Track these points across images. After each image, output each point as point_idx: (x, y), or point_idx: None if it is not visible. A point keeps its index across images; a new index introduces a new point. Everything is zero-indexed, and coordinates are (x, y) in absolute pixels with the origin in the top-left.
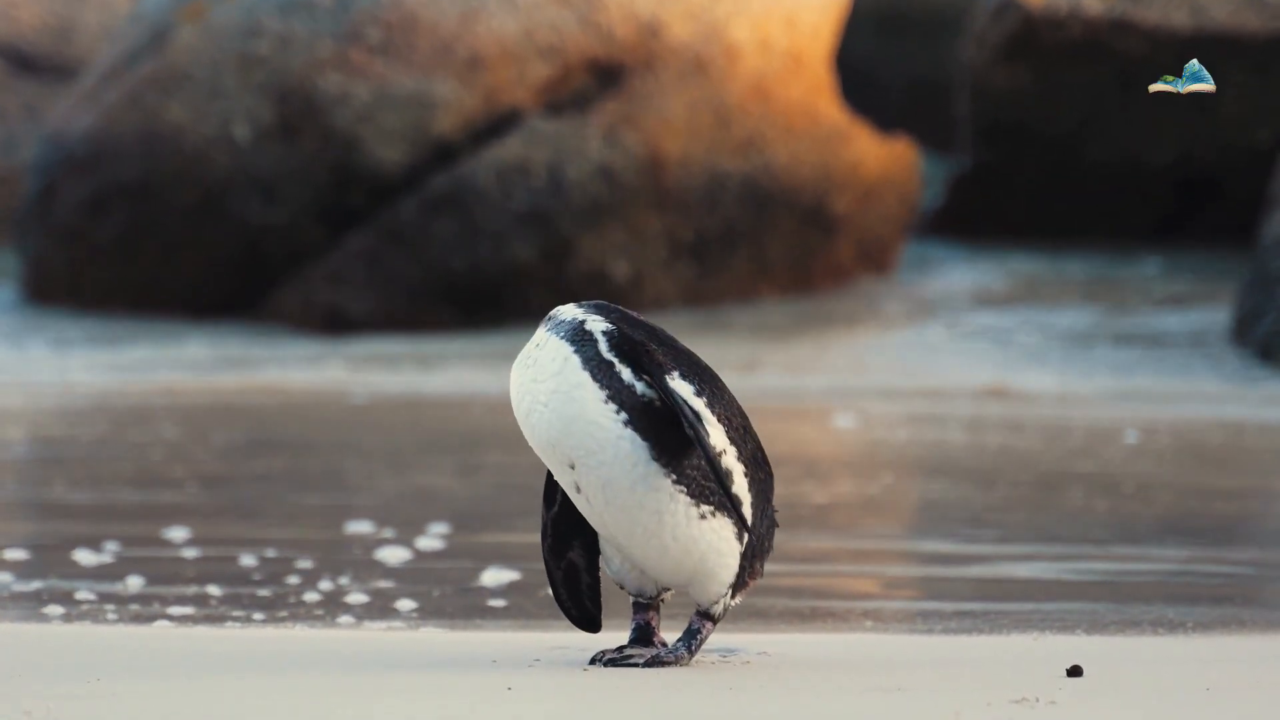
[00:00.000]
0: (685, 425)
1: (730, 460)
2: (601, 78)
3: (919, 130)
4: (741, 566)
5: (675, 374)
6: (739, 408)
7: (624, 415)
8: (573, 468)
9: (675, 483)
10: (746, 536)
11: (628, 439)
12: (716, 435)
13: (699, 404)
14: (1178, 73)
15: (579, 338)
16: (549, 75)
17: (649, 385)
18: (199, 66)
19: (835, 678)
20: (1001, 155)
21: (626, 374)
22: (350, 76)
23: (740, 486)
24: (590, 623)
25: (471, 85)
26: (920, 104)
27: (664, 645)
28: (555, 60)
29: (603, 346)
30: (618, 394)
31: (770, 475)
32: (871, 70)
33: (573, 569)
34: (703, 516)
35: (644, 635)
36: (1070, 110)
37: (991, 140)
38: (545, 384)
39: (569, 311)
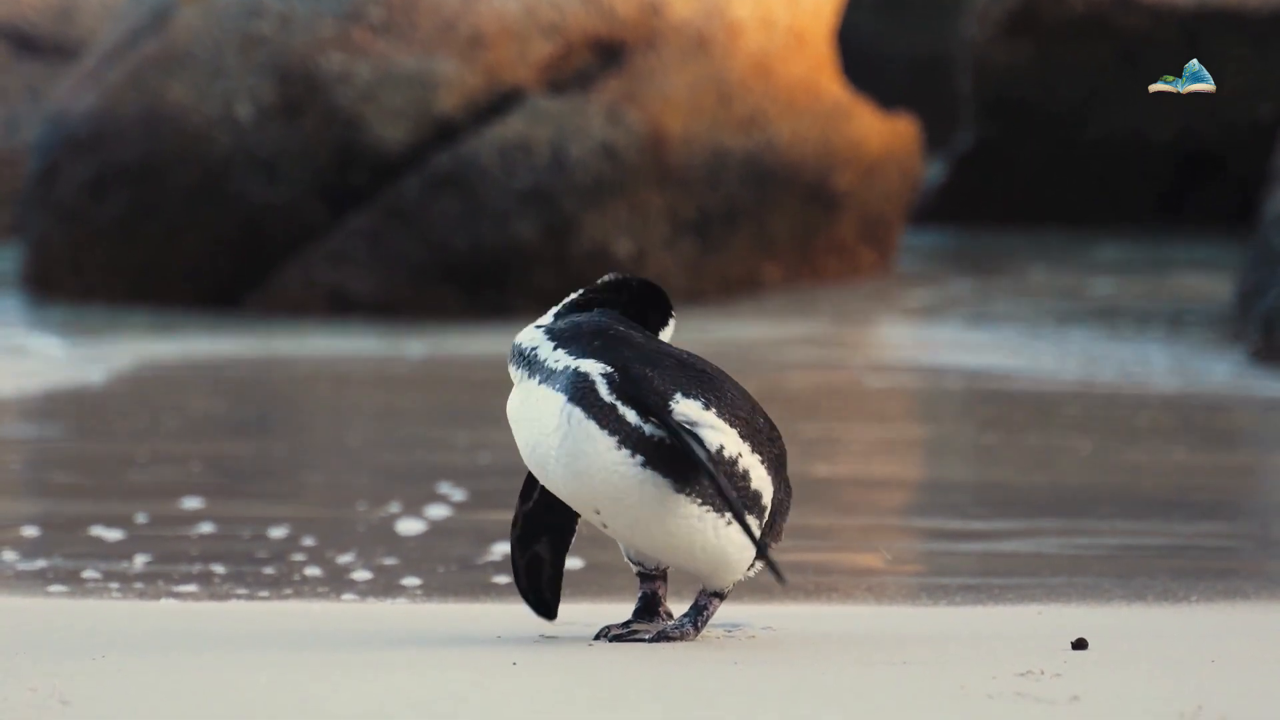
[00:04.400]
0: (705, 477)
1: (747, 458)
2: (603, 55)
3: (921, 108)
4: (760, 542)
5: (678, 395)
6: (741, 390)
7: (640, 457)
8: (598, 512)
9: (701, 505)
10: (766, 519)
11: (650, 480)
12: (731, 440)
13: (709, 416)
14: (1179, 48)
15: (577, 387)
16: (551, 53)
17: (657, 426)
18: (201, 46)
19: (840, 652)
20: (1003, 132)
21: (632, 416)
22: (352, 55)
23: (760, 476)
24: (546, 610)
25: (473, 63)
26: (922, 81)
27: (669, 615)
28: (557, 38)
29: (603, 391)
30: (628, 438)
31: (782, 445)
32: (873, 47)
33: (536, 560)
34: (729, 524)
35: (650, 605)
36: (1072, 87)
37: (993, 117)
38: (551, 439)
39: (557, 357)
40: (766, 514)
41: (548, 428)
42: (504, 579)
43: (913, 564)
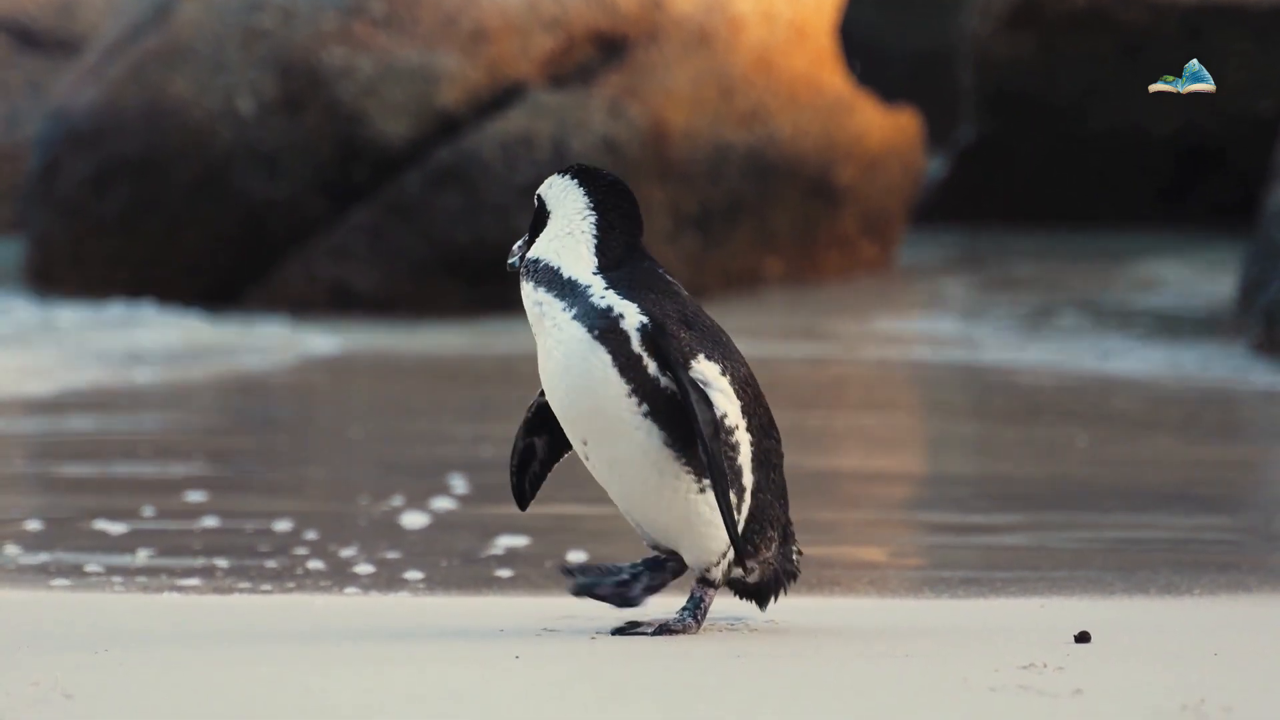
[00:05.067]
0: (699, 441)
1: (741, 434)
2: (605, 50)
3: (922, 102)
4: (743, 536)
5: (700, 356)
6: (750, 372)
7: (645, 407)
8: (585, 443)
9: (684, 465)
10: (745, 507)
11: (644, 429)
12: (734, 411)
13: (724, 382)
14: (1180, 42)
15: (612, 332)
16: (553, 47)
17: (672, 380)
18: (202, 40)
19: (843, 645)
20: (1005, 126)
21: (653, 368)
22: (354, 50)
23: (745, 456)
24: (520, 499)
25: (475, 58)
26: (923, 75)
27: (671, 573)
28: (559, 32)
29: (634, 342)
30: (641, 387)
31: (778, 442)
32: (874, 41)
33: (530, 450)
34: (702, 490)
35: (655, 564)
36: (1073, 80)
37: (994, 111)
38: (573, 369)
39: (604, 295)
40: (746, 495)
41: (572, 356)
42: (506, 572)
43: (915, 557)
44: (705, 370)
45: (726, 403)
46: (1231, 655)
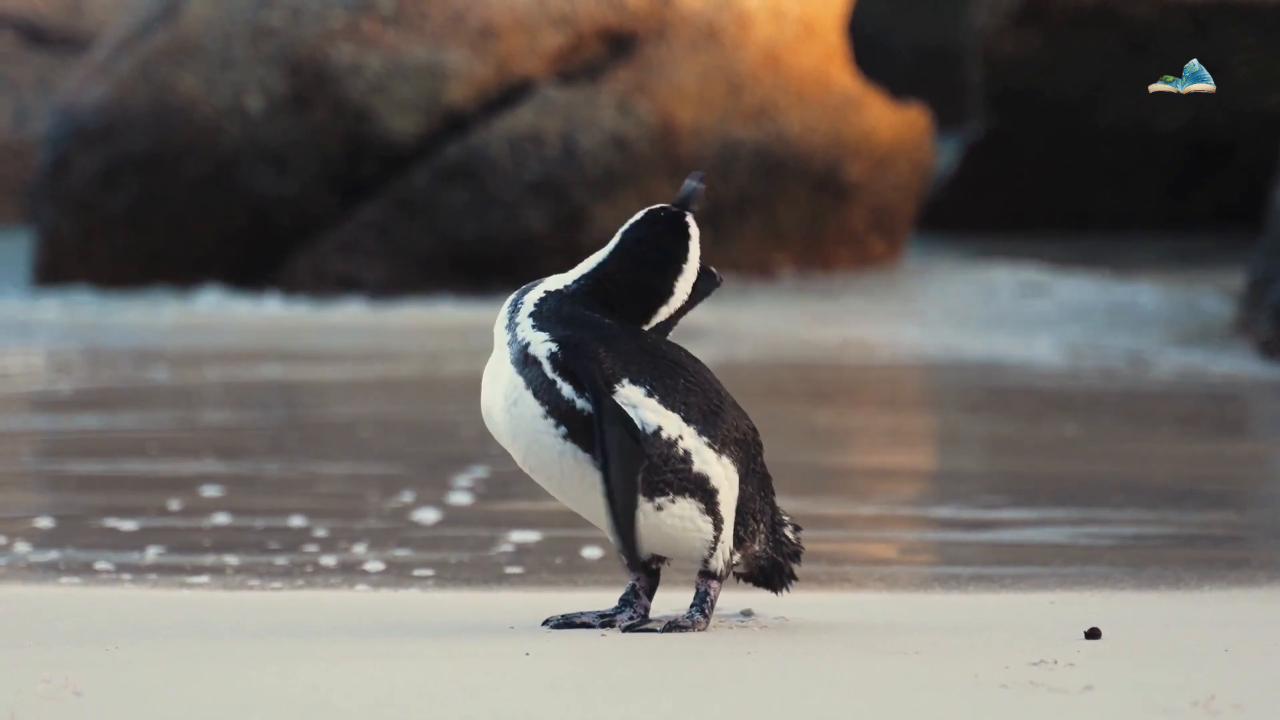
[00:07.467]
0: (600, 460)
1: (691, 441)
2: (614, 46)
3: (929, 98)
4: (735, 529)
5: (625, 381)
6: (708, 383)
7: (563, 429)
8: (530, 471)
9: None
10: (723, 505)
11: (569, 453)
12: (671, 423)
13: (650, 402)
14: (1188, 38)
15: (524, 361)
16: (561, 44)
17: (589, 402)
18: (211, 37)
19: (853, 642)
20: (1012, 122)
21: (568, 391)
22: (362, 47)
23: (707, 460)
24: None
25: (483, 55)
26: (930, 71)
27: (645, 606)
28: (567, 29)
29: (546, 369)
30: (556, 408)
31: (749, 440)
32: (881, 37)
33: None
34: (659, 508)
35: (631, 594)
36: (1081, 76)
37: (1002, 107)
38: (499, 401)
39: (525, 326)
40: (718, 496)
41: (497, 390)
42: (516, 569)
43: (925, 553)
44: (630, 394)
45: (659, 417)
46: (1241, 651)
